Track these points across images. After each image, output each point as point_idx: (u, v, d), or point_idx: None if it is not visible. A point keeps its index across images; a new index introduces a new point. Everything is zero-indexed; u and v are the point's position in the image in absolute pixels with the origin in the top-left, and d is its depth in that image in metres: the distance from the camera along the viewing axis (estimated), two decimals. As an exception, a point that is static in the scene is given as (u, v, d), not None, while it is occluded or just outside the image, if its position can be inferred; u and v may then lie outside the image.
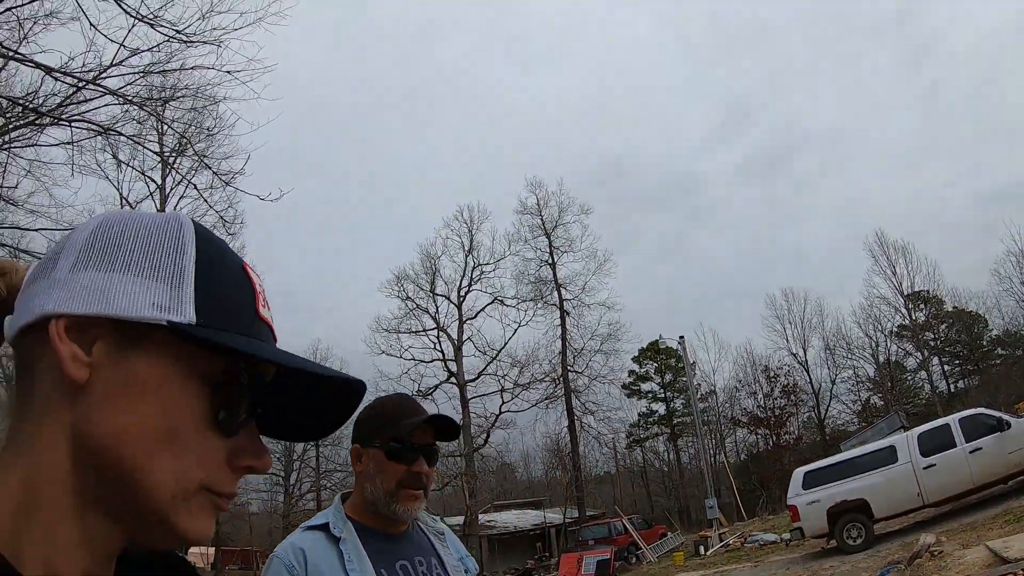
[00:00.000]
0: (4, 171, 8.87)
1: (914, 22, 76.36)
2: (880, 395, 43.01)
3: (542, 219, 45.61)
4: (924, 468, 14.33)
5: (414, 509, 1.85)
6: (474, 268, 43.33)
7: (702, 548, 24.84)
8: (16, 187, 8.03)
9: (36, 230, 10.95)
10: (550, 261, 44.96)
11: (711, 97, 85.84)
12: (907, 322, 42.99)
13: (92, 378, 0.56)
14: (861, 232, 70.91)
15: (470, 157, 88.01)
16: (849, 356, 44.81)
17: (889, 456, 15.09)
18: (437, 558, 1.93)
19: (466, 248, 43.43)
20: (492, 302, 43.21)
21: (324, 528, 1.82)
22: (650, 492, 52.05)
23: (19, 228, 10.29)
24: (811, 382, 45.71)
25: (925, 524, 14.79)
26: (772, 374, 45.61)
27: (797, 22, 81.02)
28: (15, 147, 8.05)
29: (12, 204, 8.75)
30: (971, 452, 13.93)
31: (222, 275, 0.62)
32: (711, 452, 46.08)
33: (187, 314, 0.58)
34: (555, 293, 44.43)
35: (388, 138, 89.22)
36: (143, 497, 0.56)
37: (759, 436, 46.18)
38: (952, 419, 14.86)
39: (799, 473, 16.96)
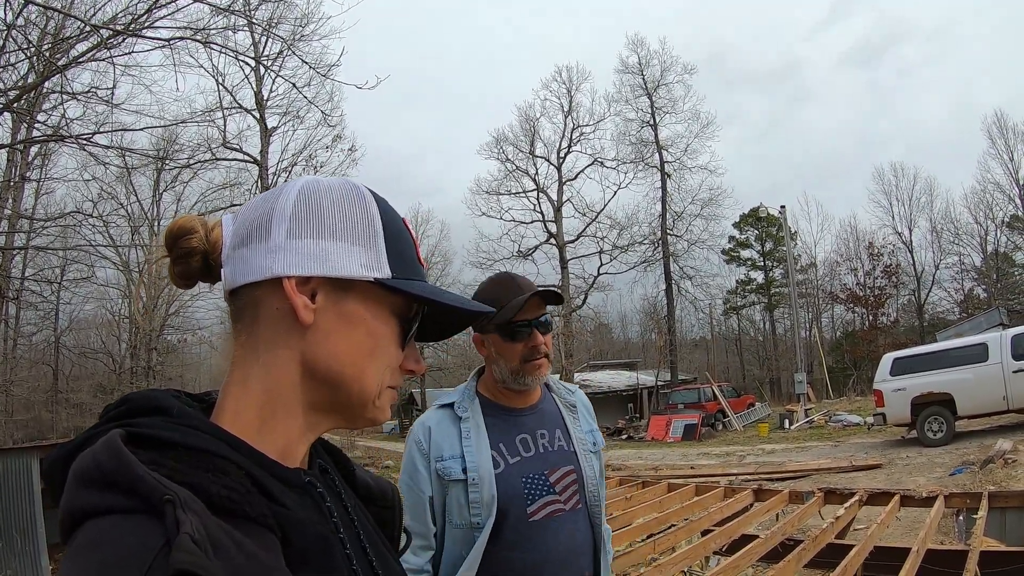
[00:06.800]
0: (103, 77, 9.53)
1: None
2: (984, 287, 40.25)
3: (643, 79, 43.85)
4: (1014, 372, 13.89)
5: (541, 376, 1.97)
6: (573, 129, 42.70)
7: (787, 422, 25.28)
8: (114, 88, 8.55)
9: (142, 129, 11.56)
10: (651, 122, 43.64)
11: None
12: (1020, 212, 39.15)
13: (316, 319, 0.74)
14: (979, 111, 64.72)
15: (572, 25, 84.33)
16: (956, 242, 41.77)
17: (980, 354, 14.68)
18: (563, 430, 2.01)
19: (565, 109, 42.65)
20: (592, 163, 42.85)
21: (451, 406, 1.98)
22: (743, 361, 51.97)
23: (127, 129, 10.91)
24: (914, 264, 43.38)
25: (1007, 429, 14.59)
26: (875, 251, 43.41)
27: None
28: (115, 57, 8.46)
29: (114, 106, 9.32)
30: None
31: (398, 234, 0.81)
32: (806, 326, 45.55)
33: (384, 270, 0.78)
34: (656, 155, 43.48)
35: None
36: (355, 397, 0.77)
37: (856, 314, 44.71)
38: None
39: (888, 358, 16.84)
